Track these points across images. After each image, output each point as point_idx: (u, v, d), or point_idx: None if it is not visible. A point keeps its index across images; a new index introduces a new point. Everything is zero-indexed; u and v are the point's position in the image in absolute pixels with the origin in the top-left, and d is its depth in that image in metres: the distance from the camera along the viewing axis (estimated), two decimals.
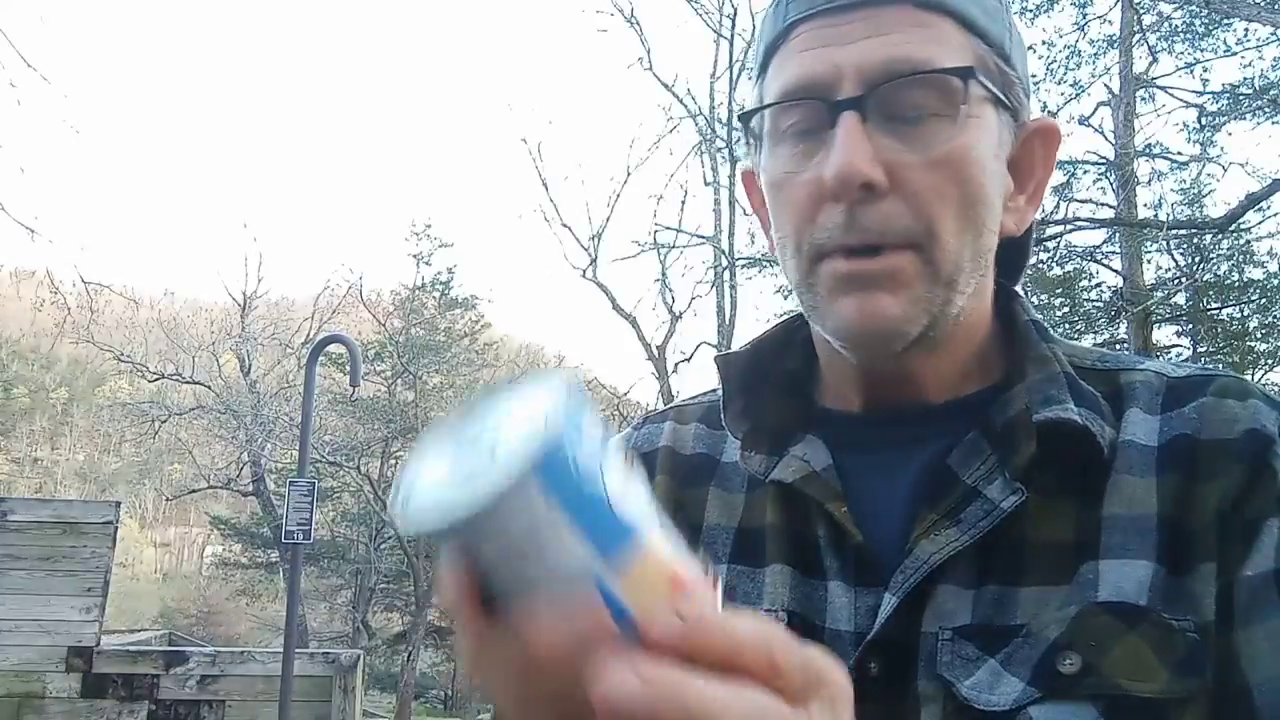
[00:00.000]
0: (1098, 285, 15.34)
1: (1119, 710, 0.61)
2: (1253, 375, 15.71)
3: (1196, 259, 12.99)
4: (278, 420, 20.05)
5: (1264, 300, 13.97)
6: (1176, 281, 13.39)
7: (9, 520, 6.90)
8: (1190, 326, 14.94)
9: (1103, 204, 12.47)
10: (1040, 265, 14.31)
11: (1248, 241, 12.96)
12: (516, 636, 0.41)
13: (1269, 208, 10.48)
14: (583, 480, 0.39)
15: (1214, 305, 14.66)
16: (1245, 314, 14.78)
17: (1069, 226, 10.36)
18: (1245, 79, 12.03)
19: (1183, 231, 11.27)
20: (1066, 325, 15.73)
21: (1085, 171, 12.55)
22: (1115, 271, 13.49)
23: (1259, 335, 15.04)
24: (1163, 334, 14.65)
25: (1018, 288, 0.81)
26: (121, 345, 22.56)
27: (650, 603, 0.39)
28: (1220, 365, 15.44)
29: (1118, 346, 13.18)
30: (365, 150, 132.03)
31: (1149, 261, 13.18)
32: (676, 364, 16.91)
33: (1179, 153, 12.92)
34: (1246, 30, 11.52)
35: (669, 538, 0.43)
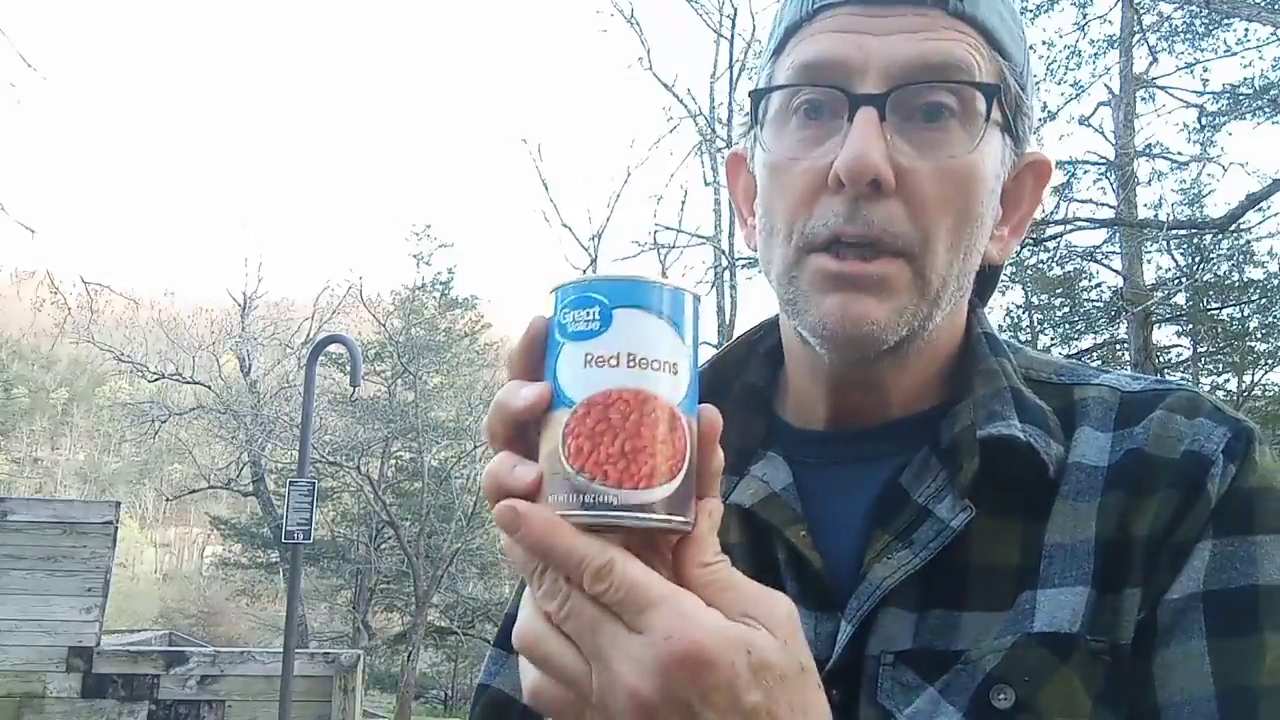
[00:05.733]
0: (1098, 285, 15.34)
1: None
2: (1252, 375, 15.71)
3: (1196, 259, 12.98)
4: (278, 420, 20.05)
5: (1264, 300, 13.96)
6: (1176, 281, 13.37)
7: (9, 520, 6.90)
8: (1190, 326, 14.93)
9: (1103, 204, 12.45)
10: (1040, 265, 14.30)
11: (1248, 241, 12.94)
12: None
13: (1269, 208, 10.46)
14: None
15: (1214, 305, 14.66)
16: (1245, 314, 14.77)
17: (1069, 226, 10.34)
18: (1245, 79, 12.02)
19: (1183, 231, 11.25)
20: (1066, 325, 15.74)
21: (1085, 171, 12.54)
22: (1115, 271, 13.47)
23: (1259, 335, 15.04)
24: (1163, 334, 14.64)
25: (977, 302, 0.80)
26: (121, 345, 22.55)
27: None
28: (1208, 368, 15.28)
29: (1118, 347, 13.17)
30: (365, 151, 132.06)
31: (1149, 261, 13.16)
32: None
33: (1179, 153, 12.90)
34: (1246, 30, 11.51)
35: None
